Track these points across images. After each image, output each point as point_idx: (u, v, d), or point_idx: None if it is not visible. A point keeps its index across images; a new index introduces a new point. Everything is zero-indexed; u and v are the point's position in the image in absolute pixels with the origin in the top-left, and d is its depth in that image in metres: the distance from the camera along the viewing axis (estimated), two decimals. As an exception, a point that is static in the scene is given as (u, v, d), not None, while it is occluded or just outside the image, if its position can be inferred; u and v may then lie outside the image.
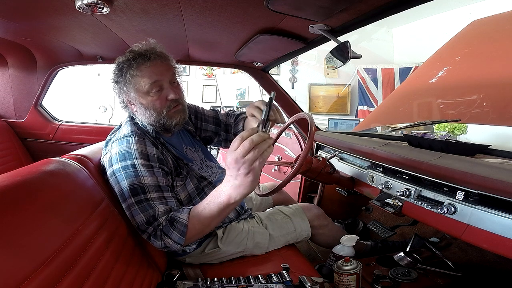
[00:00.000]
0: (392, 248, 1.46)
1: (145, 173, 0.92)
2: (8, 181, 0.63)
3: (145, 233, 0.90)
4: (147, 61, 0.98)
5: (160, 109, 1.01)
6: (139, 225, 0.90)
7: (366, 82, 4.89)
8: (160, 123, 1.03)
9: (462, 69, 2.05)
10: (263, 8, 0.92)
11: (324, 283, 0.99)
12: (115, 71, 1.01)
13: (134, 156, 0.92)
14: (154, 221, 0.88)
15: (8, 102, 2.00)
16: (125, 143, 0.95)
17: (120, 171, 0.92)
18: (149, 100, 1.00)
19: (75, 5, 0.91)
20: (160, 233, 0.88)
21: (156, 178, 0.93)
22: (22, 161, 1.94)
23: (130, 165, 0.92)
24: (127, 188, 0.90)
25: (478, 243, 0.81)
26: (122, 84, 1.00)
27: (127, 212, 0.92)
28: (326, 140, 1.64)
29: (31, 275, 0.54)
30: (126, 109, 1.08)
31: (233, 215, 1.19)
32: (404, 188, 1.04)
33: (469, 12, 3.59)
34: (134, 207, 0.89)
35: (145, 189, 0.91)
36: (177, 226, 0.87)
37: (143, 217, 0.88)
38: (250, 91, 5.29)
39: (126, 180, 0.91)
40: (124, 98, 1.04)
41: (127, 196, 0.90)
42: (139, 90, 0.99)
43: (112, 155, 0.96)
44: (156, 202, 0.91)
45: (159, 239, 0.88)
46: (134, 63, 0.97)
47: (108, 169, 0.96)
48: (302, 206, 1.36)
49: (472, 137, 2.88)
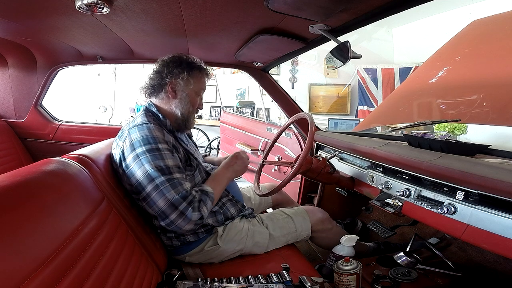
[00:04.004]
0: (393, 249, 1.45)
1: (169, 156, 1.01)
2: (8, 181, 0.63)
3: (176, 211, 0.95)
4: (206, 76, 1.21)
5: (193, 109, 1.19)
6: (172, 201, 0.95)
7: (366, 82, 4.89)
8: (185, 118, 1.17)
9: (462, 69, 2.05)
10: (263, 8, 0.92)
11: (324, 283, 0.99)
12: (171, 61, 1.15)
13: (157, 141, 1.01)
14: (188, 195, 0.98)
15: (8, 102, 2.00)
16: (146, 129, 1.03)
17: (145, 154, 0.98)
18: (194, 99, 1.18)
19: (75, 5, 0.91)
20: (197, 204, 0.99)
21: (177, 161, 1.03)
22: (22, 161, 1.94)
23: (155, 148, 0.99)
24: (155, 169, 0.96)
25: (478, 243, 0.81)
26: (179, 74, 1.13)
27: (153, 194, 0.96)
28: (326, 140, 1.64)
29: (31, 275, 0.53)
30: (156, 94, 1.15)
31: (235, 212, 1.21)
32: (404, 188, 1.04)
33: (469, 12, 3.59)
34: (165, 184, 0.96)
35: (170, 169, 0.99)
36: (209, 194, 1.03)
37: (175, 194, 0.96)
38: (250, 91, 5.30)
39: (152, 162, 0.97)
40: (170, 82, 1.13)
41: (156, 176, 0.96)
42: (193, 88, 1.16)
43: (133, 140, 1.01)
44: (182, 180, 1.00)
45: (197, 210, 0.97)
46: (198, 68, 1.17)
47: (130, 154, 1.00)
48: (306, 208, 1.35)
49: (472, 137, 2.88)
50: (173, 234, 1.11)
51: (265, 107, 3.10)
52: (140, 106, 4.48)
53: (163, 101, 1.16)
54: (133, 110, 4.87)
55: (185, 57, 1.17)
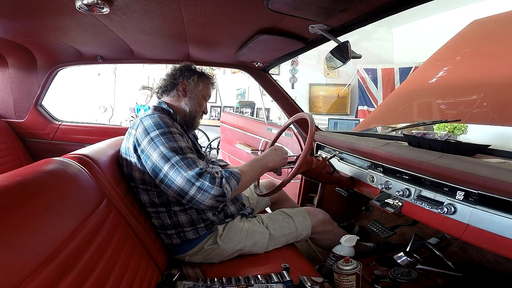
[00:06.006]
0: (393, 249, 1.45)
1: (180, 139, 1.07)
2: (8, 181, 0.63)
3: (193, 187, 0.98)
4: (212, 85, 1.34)
5: (199, 110, 1.29)
6: (188, 178, 0.98)
7: (366, 82, 4.89)
8: (192, 116, 1.27)
9: (462, 69, 2.05)
10: (263, 8, 0.92)
11: (324, 283, 0.99)
12: (184, 66, 1.28)
13: (168, 125, 1.08)
14: (204, 171, 1.00)
15: (8, 102, 2.00)
16: (157, 116, 1.10)
17: (159, 137, 1.04)
18: (201, 101, 1.29)
19: (75, 5, 0.91)
20: (219, 180, 1.01)
21: (188, 143, 1.10)
22: (22, 161, 1.94)
23: (167, 132, 1.06)
24: (170, 149, 1.01)
25: (478, 243, 0.81)
26: (190, 76, 1.25)
27: (170, 173, 1.00)
28: (326, 140, 1.64)
29: (31, 275, 0.53)
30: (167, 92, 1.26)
31: (234, 210, 1.23)
32: (404, 188, 1.04)
33: (469, 12, 3.59)
34: (180, 163, 1.00)
35: (184, 150, 1.04)
36: (235, 175, 1.06)
37: (190, 171, 0.99)
38: (250, 91, 5.30)
39: (166, 143, 1.02)
40: (181, 82, 1.24)
41: (171, 156, 1.01)
42: (202, 92, 1.28)
43: (146, 126, 1.07)
44: (196, 159, 1.04)
45: (218, 186, 0.99)
46: (206, 77, 1.31)
47: (145, 138, 1.05)
48: (307, 209, 1.36)
49: (472, 137, 2.88)
50: (173, 231, 1.12)
51: (265, 107, 3.10)
52: (140, 106, 4.47)
53: (174, 98, 1.25)
54: (133, 110, 4.87)
55: (195, 67, 1.31)
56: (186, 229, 1.12)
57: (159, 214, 1.11)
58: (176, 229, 1.12)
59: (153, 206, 1.10)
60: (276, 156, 1.21)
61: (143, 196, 1.10)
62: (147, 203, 1.10)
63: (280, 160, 1.21)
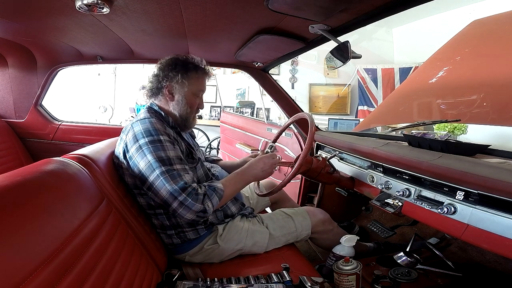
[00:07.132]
0: (393, 249, 1.45)
1: (170, 148, 1.04)
2: (8, 181, 0.63)
3: (176, 200, 0.97)
4: (205, 74, 1.21)
5: (191, 110, 1.20)
6: (171, 191, 0.97)
7: (366, 82, 4.89)
8: (184, 118, 1.20)
9: (462, 69, 2.05)
10: (263, 8, 0.92)
11: (324, 283, 0.99)
12: (167, 64, 1.17)
13: (159, 133, 1.04)
14: (188, 187, 0.99)
15: (8, 102, 2.00)
16: (148, 122, 1.06)
17: (147, 145, 1.01)
18: (191, 100, 1.19)
19: (75, 5, 0.91)
20: (202, 197, 1.00)
21: (178, 152, 1.06)
22: (22, 161, 1.94)
23: (156, 140, 1.03)
24: (156, 159, 0.99)
25: (478, 243, 0.81)
26: (174, 77, 1.15)
27: (156, 183, 0.98)
28: (326, 140, 1.64)
29: (31, 275, 0.53)
30: (155, 96, 1.19)
31: (235, 210, 1.22)
32: (404, 188, 1.04)
33: (469, 12, 3.59)
34: (165, 175, 0.98)
35: (171, 161, 1.01)
36: (218, 191, 1.04)
37: (174, 185, 0.98)
38: (250, 91, 5.30)
39: (154, 152, 1.00)
40: (166, 85, 1.16)
41: (156, 166, 0.99)
42: (190, 90, 1.17)
43: (136, 133, 1.04)
44: (182, 172, 1.02)
45: (199, 203, 0.98)
46: (194, 69, 1.17)
47: (133, 145, 1.03)
48: (307, 209, 1.36)
49: (472, 137, 2.87)
50: (173, 231, 1.12)
51: (265, 107, 3.10)
52: (140, 106, 4.48)
53: (162, 102, 1.20)
54: (133, 110, 4.87)
55: (182, 59, 1.18)
56: (185, 229, 1.12)
57: (158, 215, 1.11)
58: (175, 229, 1.12)
59: (151, 208, 1.10)
60: (263, 167, 1.17)
61: (140, 199, 1.10)
62: (144, 205, 1.10)
63: (267, 171, 1.18)
